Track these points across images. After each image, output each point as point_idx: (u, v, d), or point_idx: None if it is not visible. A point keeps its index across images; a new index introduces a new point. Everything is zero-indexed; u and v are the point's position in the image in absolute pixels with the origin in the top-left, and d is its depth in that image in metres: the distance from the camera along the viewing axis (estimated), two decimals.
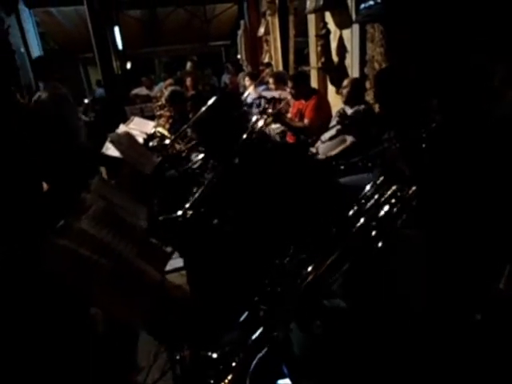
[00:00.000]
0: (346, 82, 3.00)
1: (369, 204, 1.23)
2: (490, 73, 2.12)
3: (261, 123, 2.25)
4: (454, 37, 2.36)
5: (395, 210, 1.19)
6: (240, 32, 7.22)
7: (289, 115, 3.83)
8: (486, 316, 1.24)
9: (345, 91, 2.99)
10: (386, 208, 1.19)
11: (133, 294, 1.06)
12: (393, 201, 1.21)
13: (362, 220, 1.16)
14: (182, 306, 1.23)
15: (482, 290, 1.31)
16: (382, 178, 1.34)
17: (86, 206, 1.21)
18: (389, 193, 1.24)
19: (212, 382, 0.88)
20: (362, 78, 3.22)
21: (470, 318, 1.23)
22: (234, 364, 0.89)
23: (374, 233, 1.12)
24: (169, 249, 1.64)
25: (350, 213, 1.23)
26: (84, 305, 1.20)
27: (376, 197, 1.25)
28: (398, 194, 1.24)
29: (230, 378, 0.87)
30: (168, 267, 1.71)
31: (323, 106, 3.52)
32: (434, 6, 2.41)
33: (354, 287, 1.17)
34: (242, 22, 7.29)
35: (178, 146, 3.20)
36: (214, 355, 0.92)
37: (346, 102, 2.99)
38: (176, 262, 2.45)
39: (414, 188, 1.24)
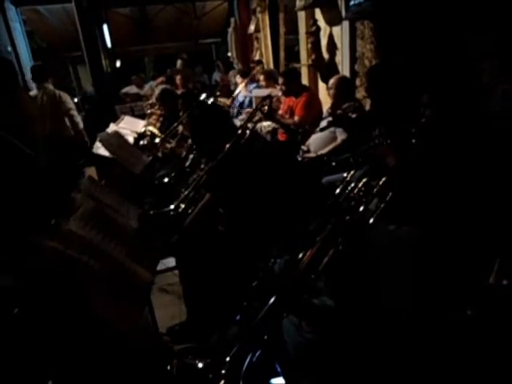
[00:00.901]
0: (331, 83, 3.00)
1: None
2: (479, 69, 2.14)
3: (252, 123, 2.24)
4: (443, 33, 2.37)
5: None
6: (230, 29, 7.19)
7: (280, 112, 3.83)
8: (476, 311, 1.24)
9: (331, 92, 3.00)
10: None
11: (122, 294, 1.04)
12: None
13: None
14: None
15: (473, 285, 1.32)
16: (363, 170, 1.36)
17: (75, 207, 1.20)
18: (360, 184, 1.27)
19: None
20: (352, 75, 3.23)
21: (460, 313, 1.23)
22: (223, 371, 0.89)
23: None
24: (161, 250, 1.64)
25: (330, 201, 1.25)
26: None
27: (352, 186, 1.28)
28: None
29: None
30: (160, 266, 1.70)
31: (314, 104, 3.52)
32: (422, 3, 2.42)
33: (340, 284, 1.17)
34: (232, 20, 7.26)
35: (168, 145, 3.18)
36: (200, 364, 0.91)
37: (335, 103, 2.99)
38: (168, 261, 2.44)
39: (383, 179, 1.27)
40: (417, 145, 1.80)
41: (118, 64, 8.00)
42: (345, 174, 1.91)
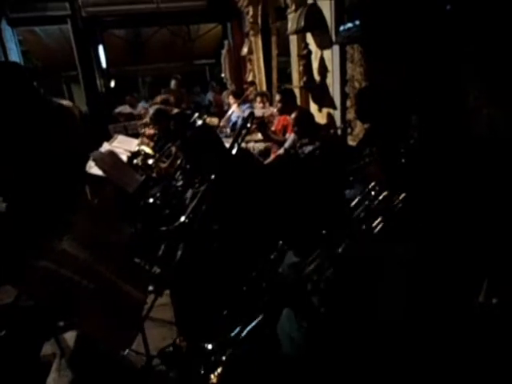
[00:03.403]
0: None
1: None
2: (465, 92, 2.21)
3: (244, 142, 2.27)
4: (429, 58, 2.45)
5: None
6: (224, 51, 7.33)
7: (272, 128, 3.90)
8: (467, 329, 1.26)
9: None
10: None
11: (114, 314, 1.04)
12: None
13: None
14: None
15: (463, 304, 1.34)
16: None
17: (68, 226, 1.20)
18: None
19: (203, 372, 0.89)
20: (342, 97, 3.31)
21: (452, 331, 1.24)
22: (224, 357, 0.90)
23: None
24: (154, 268, 1.63)
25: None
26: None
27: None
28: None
29: (219, 370, 0.88)
30: (152, 287, 1.69)
31: None
32: (409, 29, 2.51)
33: (335, 296, 1.19)
34: (225, 42, 7.42)
35: (162, 165, 3.20)
36: (210, 346, 0.93)
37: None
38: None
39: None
40: (406, 164, 1.85)
41: (112, 84, 8.08)
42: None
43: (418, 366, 1.10)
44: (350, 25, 2.93)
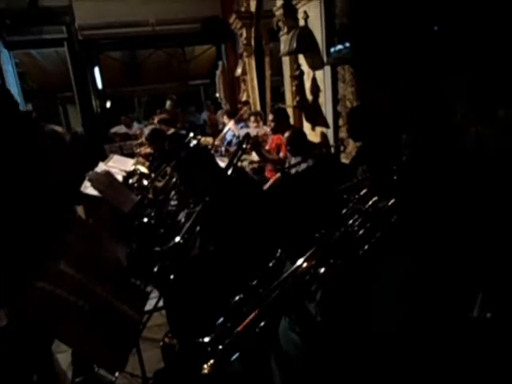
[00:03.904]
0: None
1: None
2: (453, 110, 2.27)
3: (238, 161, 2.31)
4: (418, 77, 2.52)
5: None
6: (218, 72, 7.47)
7: (267, 147, 3.95)
8: (461, 344, 1.26)
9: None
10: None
11: (109, 334, 1.04)
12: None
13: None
14: None
15: (457, 318, 1.35)
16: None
17: (64, 246, 1.21)
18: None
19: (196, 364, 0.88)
20: (335, 116, 3.38)
21: (446, 346, 1.25)
22: (220, 347, 0.90)
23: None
24: (149, 288, 1.63)
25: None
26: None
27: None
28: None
29: (211, 362, 0.87)
30: (148, 307, 1.68)
31: None
32: (396, 49, 2.60)
33: (331, 306, 1.20)
34: (220, 63, 7.56)
35: (158, 184, 3.22)
36: (206, 339, 0.92)
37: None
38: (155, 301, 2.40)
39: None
40: (398, 181, 1.89)
41: (108, 104, 8.17)
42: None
43: (413, 376, 1.10)
44: (340, 46, 3.02)
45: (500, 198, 1.67)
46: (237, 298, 1.26)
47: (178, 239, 1.96)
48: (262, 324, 0.98)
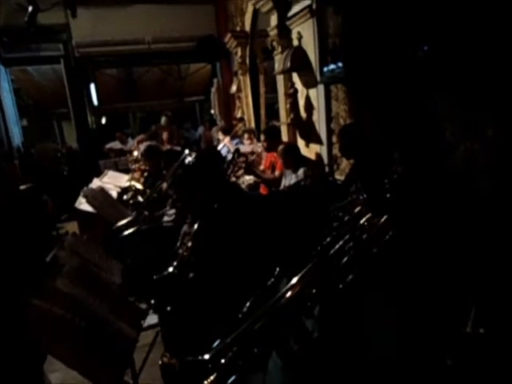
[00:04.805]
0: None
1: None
2: (443, 128, 2.33)
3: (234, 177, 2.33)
4: (409, 96, 2.59)
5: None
6: (213, 89, 7.56)
7: (261, 167, 3.98)
8: (456, 360, 1.27)
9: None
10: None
11: (105, 351, 1.04)
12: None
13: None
14: None
15: (451, 335, 1.36)
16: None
17: (60, 264, 1.21)
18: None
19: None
20: (328, 133, 3.43)
21: (441, 363, 1.26)
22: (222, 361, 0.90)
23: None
24: (143, 305, 1.62)
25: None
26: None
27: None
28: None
29: (213, 376, 0.87)
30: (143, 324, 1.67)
31: None
32: (388, 70, 2.67)
33: (328, 324, 1.20)
34: (215, 80, 7.66)
35: (153, 200, 3.23)
36: (206, 356, 0.92)
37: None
38: (150, 318, 2.38)
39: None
40: (391, 199, 1.92)
41: (103, 121, 8.22)
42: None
43: None
44: (333, 66, 3.10)
45: (490, 212, 1.71)
46: (238, 315, 1.26)
47: (171, 269, 1.95)
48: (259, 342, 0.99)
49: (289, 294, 1.09)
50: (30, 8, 4.96)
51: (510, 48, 1.92)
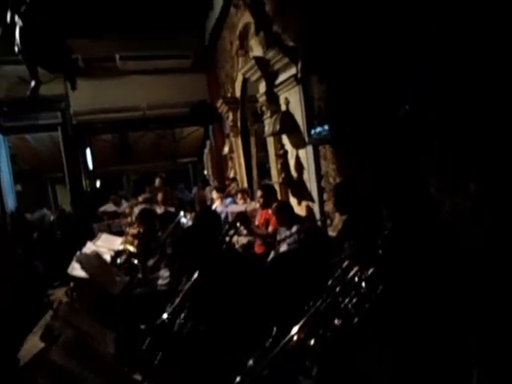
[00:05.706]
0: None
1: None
2: (427, 184, 2.42)
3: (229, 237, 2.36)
4: (394, 155, 2.72)
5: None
6: (206, 150, 7.79)
7: (256, 223, 4.03)
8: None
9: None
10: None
11: None
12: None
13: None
14: None
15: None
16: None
17: (55, 335, 1.20)
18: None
19: None
20: (319, 191, 3.53)
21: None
22: None
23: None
24: (138, 376, 1.57)
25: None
26: None
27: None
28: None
29: None
30: None
31: None
32: (374, 131, 2.83)
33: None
34: (208, 142, 7.93)
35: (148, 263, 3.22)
36: None
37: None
38: None
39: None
40: (383, 255, 1.95)
41: (97, 184, 8.33)
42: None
43: None
44: (319, 128, 3.28)
45: (480, 265, 1.74)
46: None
47: (165, 316, 1.94)
48: None
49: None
50: (33, 83, 5.22)
51: (489, 108, 2.07)
